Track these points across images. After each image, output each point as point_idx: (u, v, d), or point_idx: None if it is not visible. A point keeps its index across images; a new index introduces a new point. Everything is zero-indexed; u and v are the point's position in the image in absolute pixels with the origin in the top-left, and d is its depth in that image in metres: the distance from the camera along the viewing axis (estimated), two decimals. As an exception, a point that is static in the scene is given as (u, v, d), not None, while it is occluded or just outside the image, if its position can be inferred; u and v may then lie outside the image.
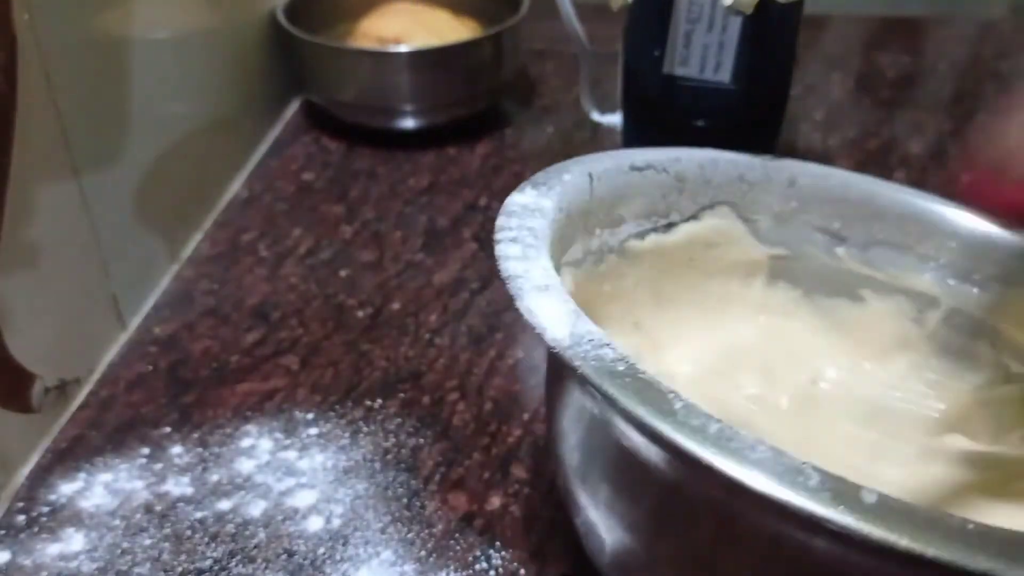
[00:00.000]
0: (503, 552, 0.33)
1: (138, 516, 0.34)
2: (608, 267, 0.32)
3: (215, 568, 0.33)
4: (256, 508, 0.35)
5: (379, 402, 0.39)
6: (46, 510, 0.35)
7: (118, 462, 0.37)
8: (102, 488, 0.36)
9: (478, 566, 0.32)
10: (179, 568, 0.33)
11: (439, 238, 0.49)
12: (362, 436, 0.38)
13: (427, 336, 0.43)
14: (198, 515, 0.34)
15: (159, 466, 0.36)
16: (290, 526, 0.34)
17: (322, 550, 0.33)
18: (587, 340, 0.22)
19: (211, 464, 0.36)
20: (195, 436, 0.38)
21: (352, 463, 0.37)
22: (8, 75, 0.34)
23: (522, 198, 0.28)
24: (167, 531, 0.34)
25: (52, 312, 0.38)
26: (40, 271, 0.37)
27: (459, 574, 0.32)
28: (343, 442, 0.37)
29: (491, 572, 0.32)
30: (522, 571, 0.32)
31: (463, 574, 0.32)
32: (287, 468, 0.36)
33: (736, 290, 0.35)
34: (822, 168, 0.35)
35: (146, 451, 0.37)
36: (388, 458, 0.37)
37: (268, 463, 0.37)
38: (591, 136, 0.57)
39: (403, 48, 0.54)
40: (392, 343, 0.42)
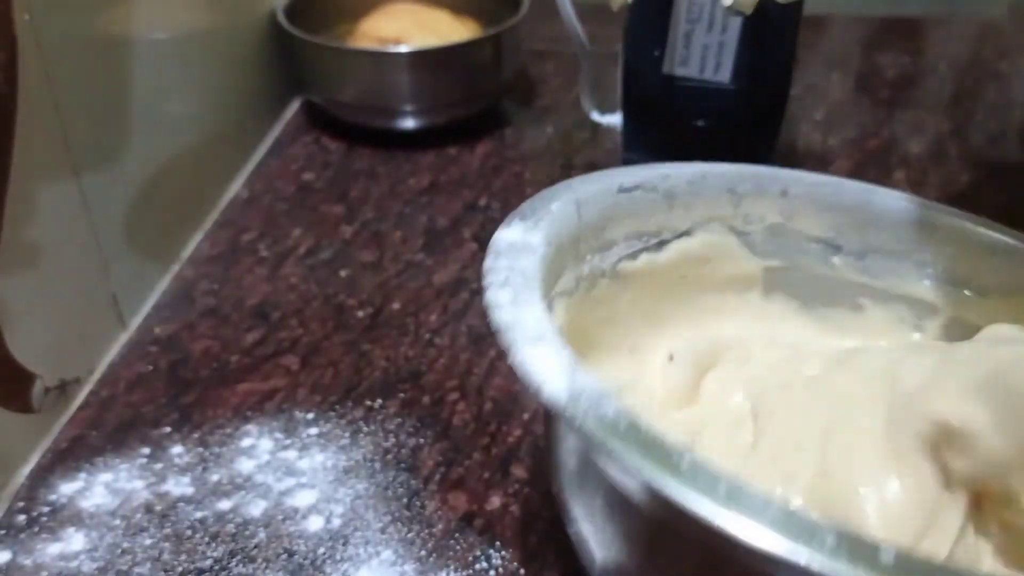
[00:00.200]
0: (503, 552, 0.33)
1: (138, 516, 0.34)
2: (601, 291, 0.32)
3: (215, 568, 0.33)
4: (256, 508, 0.35)
5: (379, 402, 0.39)
6: (46, 510, 0.35)
7: (118, 462, 0.37)
8: (102, 488, 0.36)
9: (478, 566, 0.32)
10: (179, 568, 0.33)
11: (439, 238, 0.49)
12: (362, 436, 0.38)
13: (427, 336, 0.43)
14: (198, 515, 0.34)
15: (159, 466, 0.36)
16: (290, 526, 0.34)
17: (322, 550, 0.33)
18: (586, 395, 0.22)
19: (211, 464, 0.36)
20: (195, 436, 0.38)
21: (352, 463, 0.37)
22: (8, 75, 0.34)
23: (509, 234, 0.27)
24: (167, 531, 0.34)
25: (52, 312, 0.38)
26: (40, 271, 0.37)
27: (459, 574, 0.32)
28: (343, 442, 0.37)
29: (491, 572, 0.32)
30: (522, 571, 0.32)
31: (463, 574, 0.32)
32: (287, 468, 0.36)
33: (732, 304, 0.35)
34: (814, 176, 0.34)
35: (146, 451, 0.37)
36: (388, 458, 0.37)
37: (268, 463, 0.37)
38: (591, 136, 0.57)
39: (403, 48, 0.55)
40: (392, 343, 0.42)
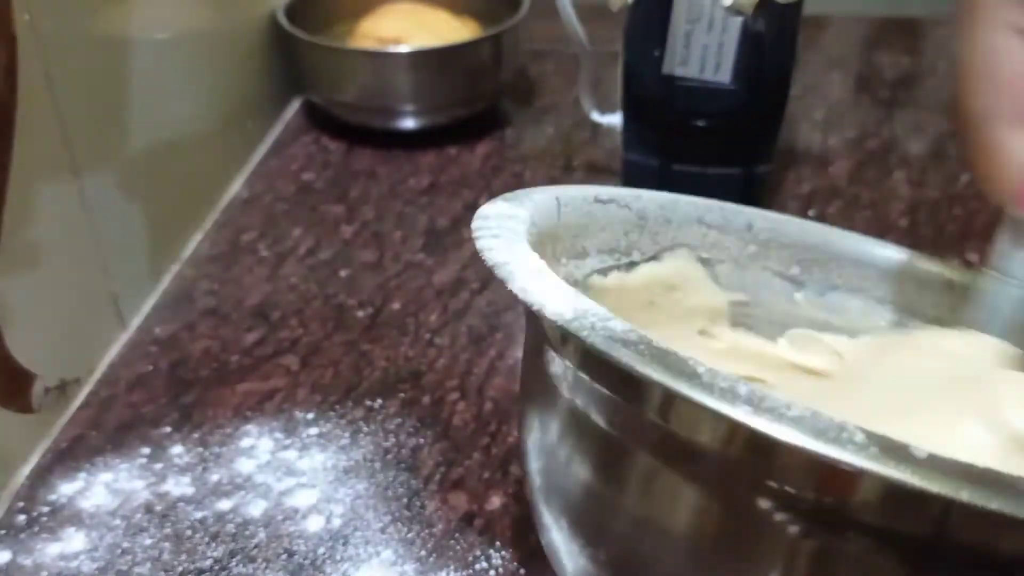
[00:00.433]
0: (503, 552, 0.33)
1: (138, 516, 0.34)
2: None
3: (215, 568, 0.33)
4: (256, 508, 0.35)
5: (379, 402, 0.39)
6: (46, 510, 0.35)
7: (118, 462, 0.37)
8: (102, 488, 0.36)
9: (478, 566, 0.32)
10: (179, 568, 0.33)
11: (439, 238, 0.49)
12: (362, 436, 0.38)
13: (427, 336, 0.43)
14: (198, 515, 0.34)
15: (159, 466, 0.36)
16: (290, 526, 0.34)
17: (322, 550, 0.33)
18: (591, 314, 0.21)
19: (211, 464, 0.36)
20: (195, 436, 0.38)
21: (352, 463, 0.37)
22: (9, 75, 0.34)
23: (495, 208, 0.27)
24: (167, 531, 0.34)
25: (52, 312, 0.38)
26: (40, 271, 0.37)
27: (459, 574, 0.32)
28: (343, 442, 0.37)
29: (491, 572, 0.32)
30: (522, 571, 0.32)
31: (463, 574, 0.32)
32: (287, 468, 0.36)
33: (699, 340, 0.35)
34: (778, 215, 0.35)
35: (146, 451, 0.37)
36: (388, 458, 0.37)
37: (268, 463, 0.37)
38: (591, 136, 0.57)
39: (403, 48, 0.55)
40: (392, 343, 0.42)
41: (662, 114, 0.47)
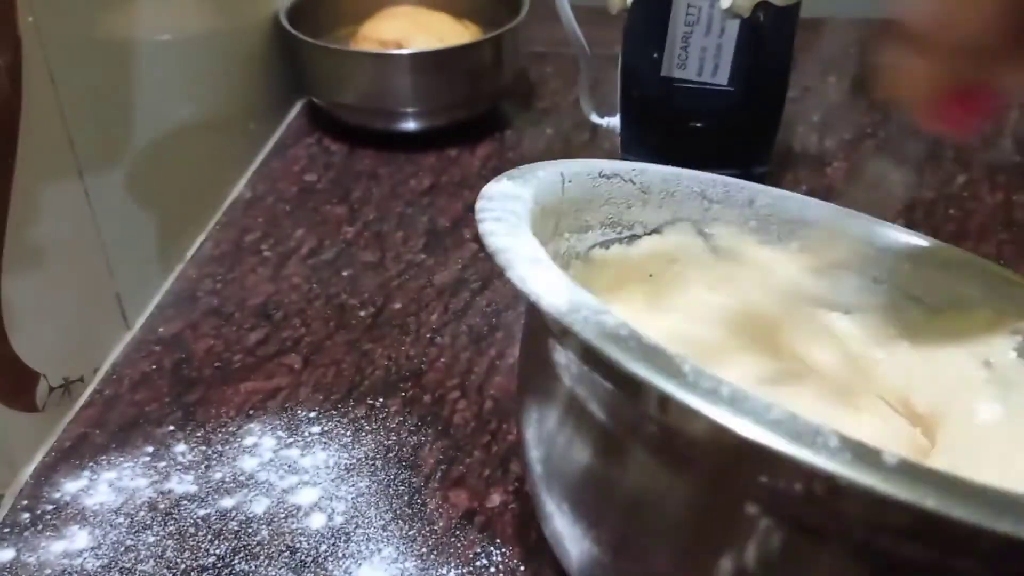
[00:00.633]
0: (504, 549, 0.33)
1: (142, 514, 0.35)
2: (574, 273, 0.32)
3: (218, 565, 0.33)
4: (259, 505, 0.35)
5: (381, 401, 0.40)
6: (50, 508, 0.35)
7: (122, 460, 0.37)
8: (106, 486, 0.36)
9: (479, 563, 0.33)
10: (183, 565, 0.33)
11: (440, 238, 0.50)
12: (364, 434, 0.38)
13: (428, 335, 0.43)
14: (201, 512, 0.35)
15: (163, 464, 0.37)
16: (293, 523, 0.34)
17: (324, 547, 0.33)
18: (585, 307, 0.22)
19: (214, 462, 0.37)
20: (199, 434, 0.38)
21: (354, 461, 0.37)
22: (13, 76, 0.34)
23: (499, 187, 0.28)
24: (171, 528, 0.34)
25: (56, 311, 0.38)
26: (45, 271, 0.37)
27: (460, 571, 0.32)
28: (345, 440, 0.38)
29: (492, 568, 0.33)
30: (522, 568, 0.33)
31: (464, 571, 0.32)
32: (290, 466, 0.37)
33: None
34: (780, 191, 0.35)
35: (150, 449, 0.37)
36: (390, 456, 0.37)
37: (271, 461, 0.37)
38: (590, 138, 0.58)
39: (404, 51, 0.55)
40: (393, 342, 0.43)
41: (661, 116, 0.47)
